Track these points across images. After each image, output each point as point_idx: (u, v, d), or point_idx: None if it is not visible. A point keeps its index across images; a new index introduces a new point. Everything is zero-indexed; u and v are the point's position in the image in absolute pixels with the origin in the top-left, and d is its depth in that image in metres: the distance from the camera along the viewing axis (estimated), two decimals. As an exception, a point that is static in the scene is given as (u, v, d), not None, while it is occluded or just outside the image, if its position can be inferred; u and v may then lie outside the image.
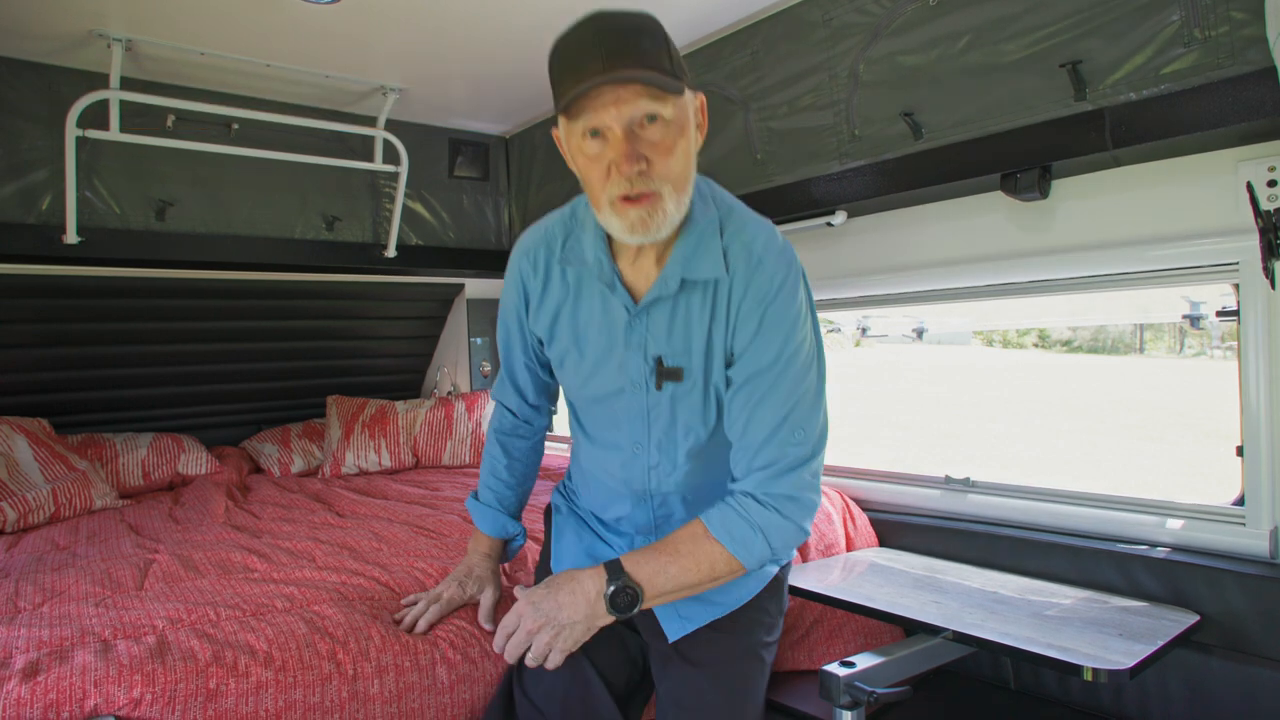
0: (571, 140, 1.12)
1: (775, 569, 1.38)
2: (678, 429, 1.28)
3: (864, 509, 2.34)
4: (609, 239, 1.23)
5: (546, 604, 1.18)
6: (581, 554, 1.40)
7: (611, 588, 1.15)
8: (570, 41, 1.07)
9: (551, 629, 1.16)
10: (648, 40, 1.07)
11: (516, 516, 1.55)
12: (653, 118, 1.07)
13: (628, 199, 1.09)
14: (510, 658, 1.20)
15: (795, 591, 1.77)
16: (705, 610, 1.30)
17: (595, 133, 1.08)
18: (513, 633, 1.19)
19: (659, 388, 1.24)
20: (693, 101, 1.17)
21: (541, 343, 1.37)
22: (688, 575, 1.17)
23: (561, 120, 1.12)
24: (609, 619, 1.18)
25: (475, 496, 1.55)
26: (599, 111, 1.06)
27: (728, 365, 1.22)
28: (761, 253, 1.19)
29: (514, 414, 1.52)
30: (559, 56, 1.09)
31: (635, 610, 1.16)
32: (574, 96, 1.04)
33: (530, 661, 1.18)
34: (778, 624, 1.40)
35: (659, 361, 1.23)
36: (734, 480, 1.22)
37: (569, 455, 1.55)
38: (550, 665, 1.18)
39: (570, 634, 1.17)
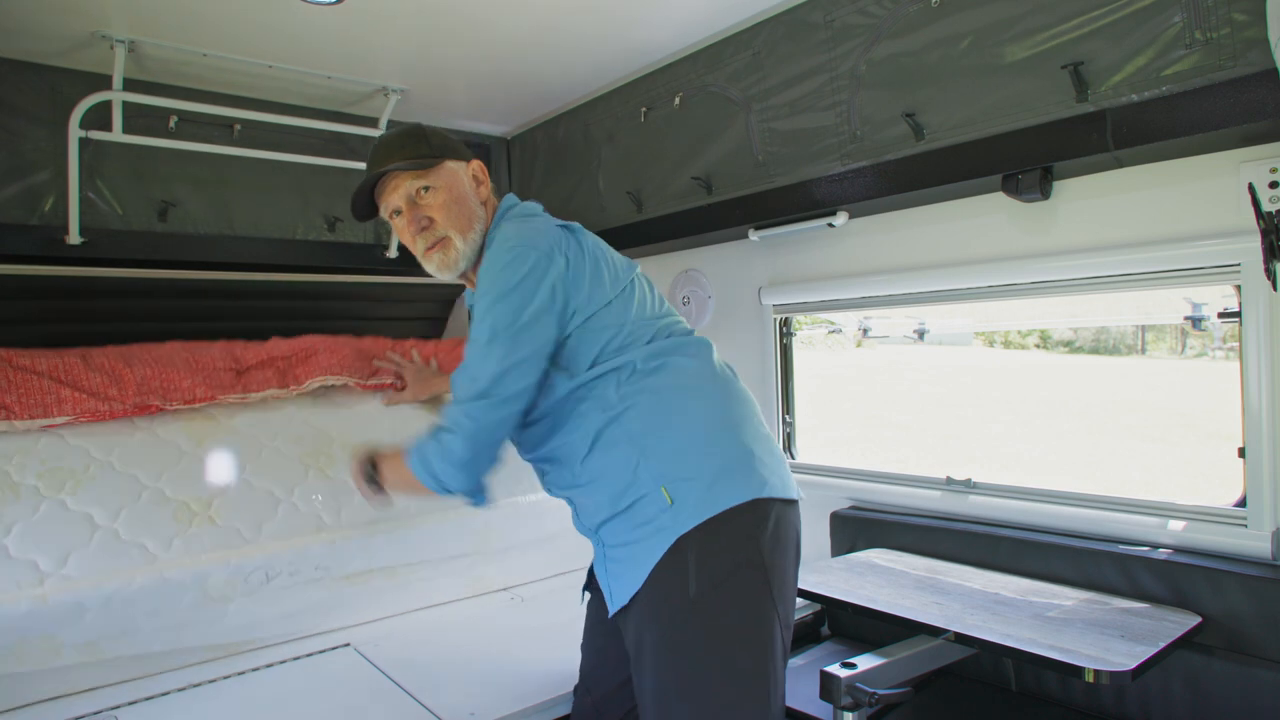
0: (393, 226, 1.57)
1: (655, 546, 1.32)
2: None
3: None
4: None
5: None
6: None
7: (365, 469, 1.57)
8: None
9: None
10: (408, 140, 1.50)
11: None
12: (425, 188, 1.49)
13: (429, 248, 1.51)
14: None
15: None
16: (621, 587, 1.38)
17: (397, 212, 1.53)
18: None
19: None
20: (465, 166, 1.56)
21: None
22: (402, 480, 1.51)
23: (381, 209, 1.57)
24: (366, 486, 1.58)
25: None
26: (387, 198, 1.52)
27: None
28: (490, 255, 1.43)
29: None
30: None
31: (382, 490, 1.57)
32: (365, 191, 1.51)
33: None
34: (684, 592, 1.30)
35: None
36: None
37: None
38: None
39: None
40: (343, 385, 2.36)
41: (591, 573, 1.62)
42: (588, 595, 1.65)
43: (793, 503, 1.43)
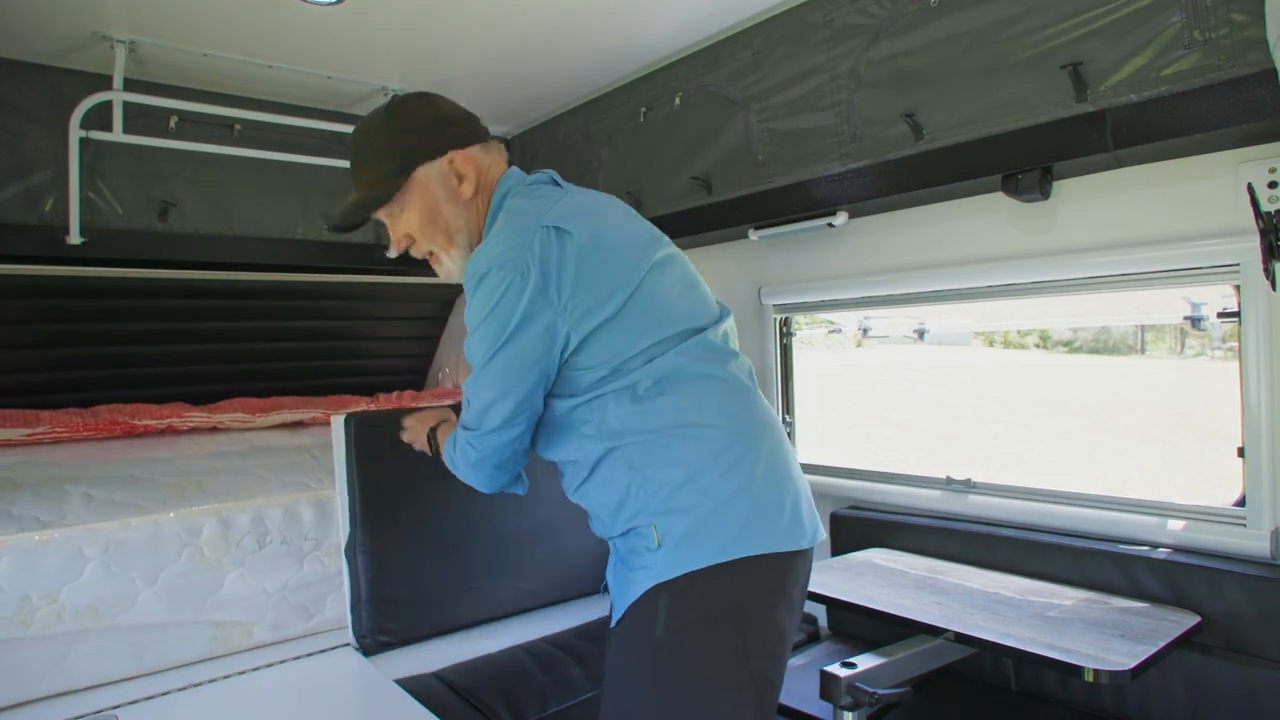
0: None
1: (638, 583, 1.25)
2: None
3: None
4: None
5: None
6: None
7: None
8: None
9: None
10: (358, 160, 1.41)
11: None
12: (392, 214, 1.40)
13: (426, 258, 1.45)
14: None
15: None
16: (617, 605, 1.31)
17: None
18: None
19: None
20: (437, 167, 1.37)
21: None
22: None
23: None
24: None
25: None
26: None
27: None
28: (466, 273, 1.30)
29: None
30: None
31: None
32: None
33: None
34: (651, 632, 1.24)
35: None
36: None
37: None
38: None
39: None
40: (310, 419, 2.62)
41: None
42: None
43: (799, 553, 1.28)
